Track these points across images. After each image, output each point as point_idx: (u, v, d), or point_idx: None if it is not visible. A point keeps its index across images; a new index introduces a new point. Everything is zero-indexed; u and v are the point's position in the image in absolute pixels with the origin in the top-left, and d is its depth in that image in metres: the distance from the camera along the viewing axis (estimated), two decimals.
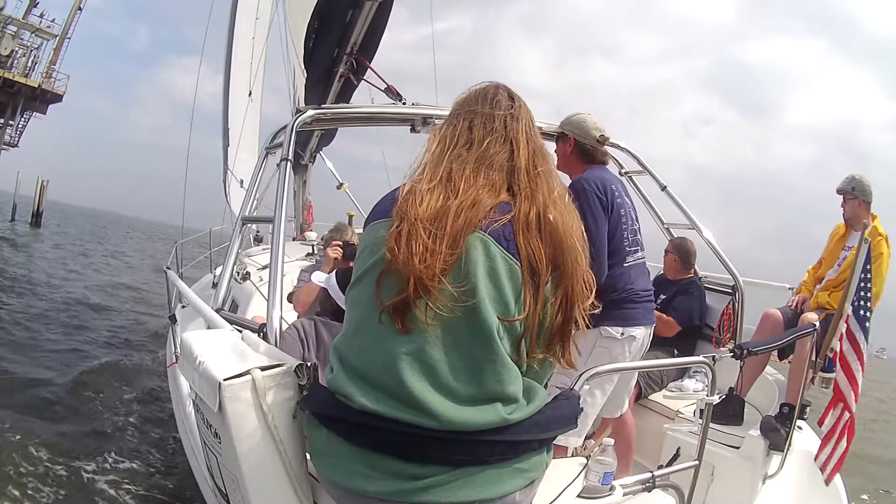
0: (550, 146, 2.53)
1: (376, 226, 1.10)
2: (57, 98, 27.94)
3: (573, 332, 1.10)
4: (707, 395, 1.87)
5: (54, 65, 27.68)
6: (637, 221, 2.34)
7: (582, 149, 2.32)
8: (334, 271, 2.18)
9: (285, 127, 2.35)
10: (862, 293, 2.17)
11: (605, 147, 2.35)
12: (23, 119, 28.22)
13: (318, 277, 2.21)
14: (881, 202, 2.85)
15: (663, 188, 3.02)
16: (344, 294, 1.95)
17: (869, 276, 2.18)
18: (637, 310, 2.21)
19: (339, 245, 2.93)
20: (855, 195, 2.79)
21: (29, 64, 26.91)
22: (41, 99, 27.38)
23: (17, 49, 26.23)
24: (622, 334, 2.15)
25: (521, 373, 1.07)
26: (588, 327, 1.12)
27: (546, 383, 1.17)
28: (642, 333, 2.23)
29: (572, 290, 1.06)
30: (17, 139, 28.52)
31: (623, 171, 3.04)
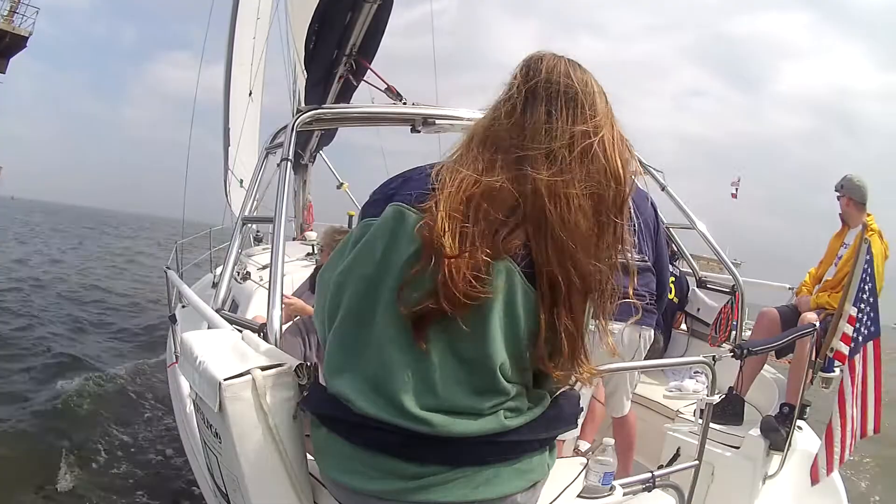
0: None
1: (403, 211, 0.99)
2: (19, 43, 18.91)
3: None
4: (707, 395, 1.88)
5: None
6: (640, 226, 2.31)
7: None
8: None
9: (285, 127, 2.35)
10: (863, 295, 2.14)
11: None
12: None
13: None
14: (877, 169, 2.86)
15: (663, 188, 3.02)
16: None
17: (870, 278, 2.17)
18: None
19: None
20: (843, 193, 2.83)
21: None
22: None
23: None
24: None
25: (528, 388, 1.05)
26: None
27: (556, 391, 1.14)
28: (617, 329, 2.16)
29: (604, 312, 1.05)
30: None
31: None
